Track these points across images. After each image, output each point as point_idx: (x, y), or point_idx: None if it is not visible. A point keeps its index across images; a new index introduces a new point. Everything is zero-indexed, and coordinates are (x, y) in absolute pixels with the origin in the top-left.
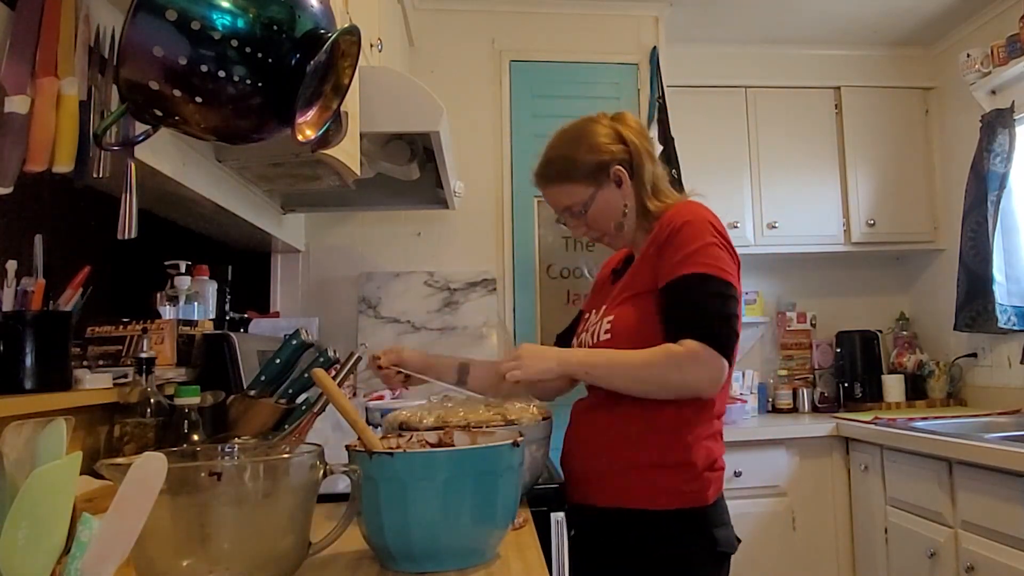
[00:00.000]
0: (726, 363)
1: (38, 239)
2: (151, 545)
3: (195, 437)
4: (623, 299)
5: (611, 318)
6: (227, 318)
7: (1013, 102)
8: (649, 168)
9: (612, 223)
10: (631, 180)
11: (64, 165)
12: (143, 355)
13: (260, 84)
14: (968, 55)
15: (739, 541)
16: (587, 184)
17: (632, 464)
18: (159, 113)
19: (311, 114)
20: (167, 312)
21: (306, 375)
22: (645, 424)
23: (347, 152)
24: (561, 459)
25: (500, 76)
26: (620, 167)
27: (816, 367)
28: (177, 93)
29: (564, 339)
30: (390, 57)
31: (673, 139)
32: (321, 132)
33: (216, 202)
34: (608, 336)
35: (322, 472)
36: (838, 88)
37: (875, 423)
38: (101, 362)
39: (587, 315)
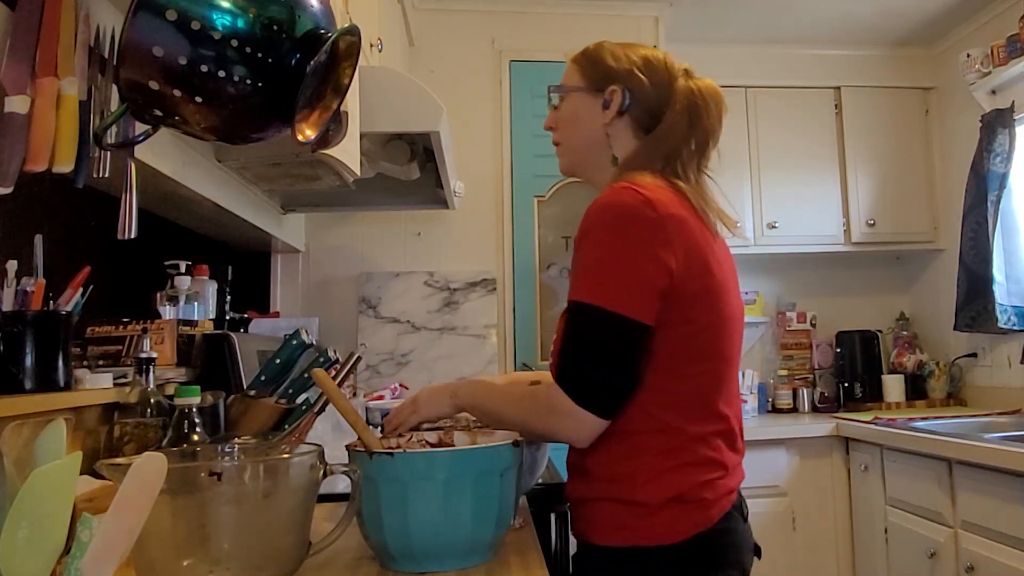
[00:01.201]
0: (593, 417)
1: (38, 239)
2: (151, 545)
3: (195, 437)
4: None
5: (555, 336)
6: (227, 318)
7: (1013, 102)
8: (675, 134)
9: (571, 136)
10: (634, 122)
11: (64, 165)
12: (143, 355)
13: (260, 84)
14: (968, 55)
15: None
16: (582, 75)
17: (586, 495)
18: (159, 113)
19: (311, 114)
20: (167, 312)
21: (306, 375)
22: (597, 452)
23: (347, 152)
24: None
25: (500, 76)
26: (621, 92)
27: (816, 367)
28: (177, 93)
29: None
30: (390, 57)
31: None
32: (321, 132)
33: (216, 202)
34: (552, 359)
35: (322, 472)
36: (838, 88)
37: (875, 423)
38: (101, 362)
39: None
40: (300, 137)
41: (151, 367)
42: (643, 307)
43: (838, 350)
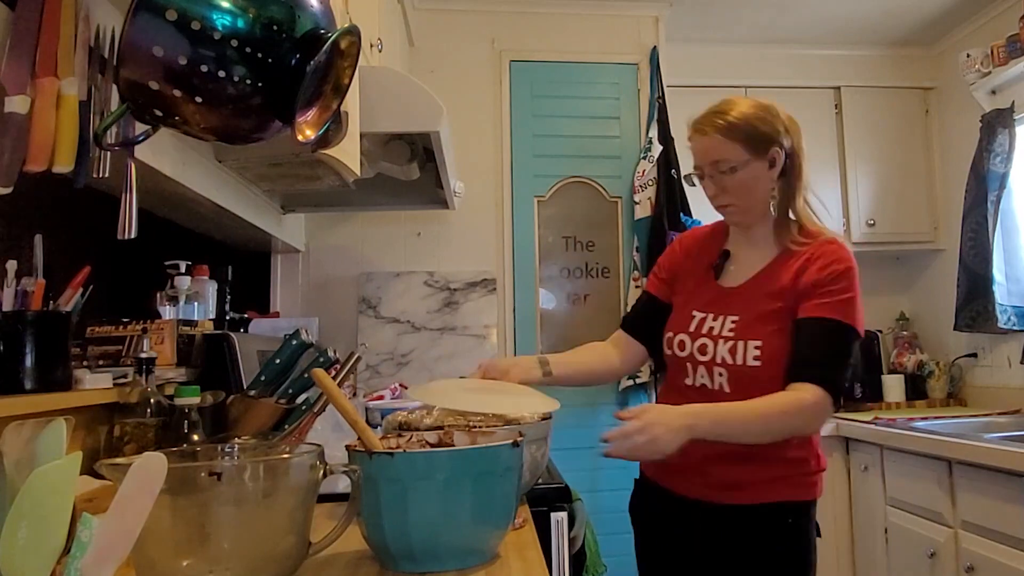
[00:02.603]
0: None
1: (38, 239)
2: (151, 545)
3: (195, 437)
4: (766, 320)
5: (759, 343)
6: (227, 318)
7: (1013, 102)
8: (805, 178)
9: (748, 200)
10: (783, 174)
11: (64, 165)
12: (143, 355)
13: (260, 84)
14: (968, 55)
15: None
16: (745, 147)
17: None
18: (159, 113)
19: (311, 114)
20: (167, 312)
21: (306, 375)
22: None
23: (347, 152)
24: None
25: (500, 76)
26: (780, 151)
27: None
28: (177, 93)
29: (633, 325)
30: (390, 57)
31: (673, 139)
32: (321, 132)
33: (216, 202)
34: (758, 363)
35: (322, 472)
36: (838, 88)
37: (875, 423)
38: (101, 362)
39: (693, 313)
40: (300, 137)
41: (151, 367)
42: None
43: None
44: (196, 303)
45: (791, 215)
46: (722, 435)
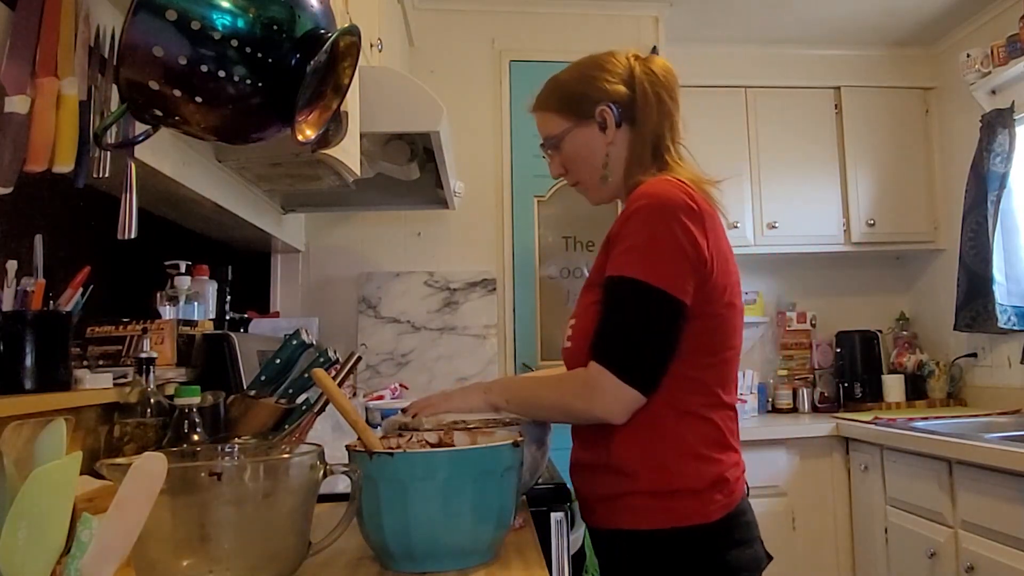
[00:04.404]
0: (634, 392)
1: (38, 239)
2: (151, 545)
3: (195, 437)
4: (584, 293)
5: (574, 321)
6: (227, 318)
7: (1013, 102)
8: (652, 120)
9: (590, 170)
10: (628, 128)
11: (64, 165)
12: (143, 355)
13: (260, 84)
14: (968, 55)
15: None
16: (564, 116)
17: (620, 490)
18: (159, 113)
19: (311, 114)
20: (167, 312)
21: (306, 375)
22: (626, 446)
23: (347, 152)
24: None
25: (500, 76)
26: (608, 108)
27: (816, 367)
28: (177, 93)
29: None
30: (390, 57)
31: None
32: (321, 132)
33: (216, 202)
34: (569, 343)
35: (322, 472)
36: (838, 88)
37: (875, 423)
38: (101, 362)
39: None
40: (300, 137)
41: (151, 367)
42: (683, 287)
43: (838, 350)
44: (196, 303)
45: (636, 167)
46: (512, 400)
